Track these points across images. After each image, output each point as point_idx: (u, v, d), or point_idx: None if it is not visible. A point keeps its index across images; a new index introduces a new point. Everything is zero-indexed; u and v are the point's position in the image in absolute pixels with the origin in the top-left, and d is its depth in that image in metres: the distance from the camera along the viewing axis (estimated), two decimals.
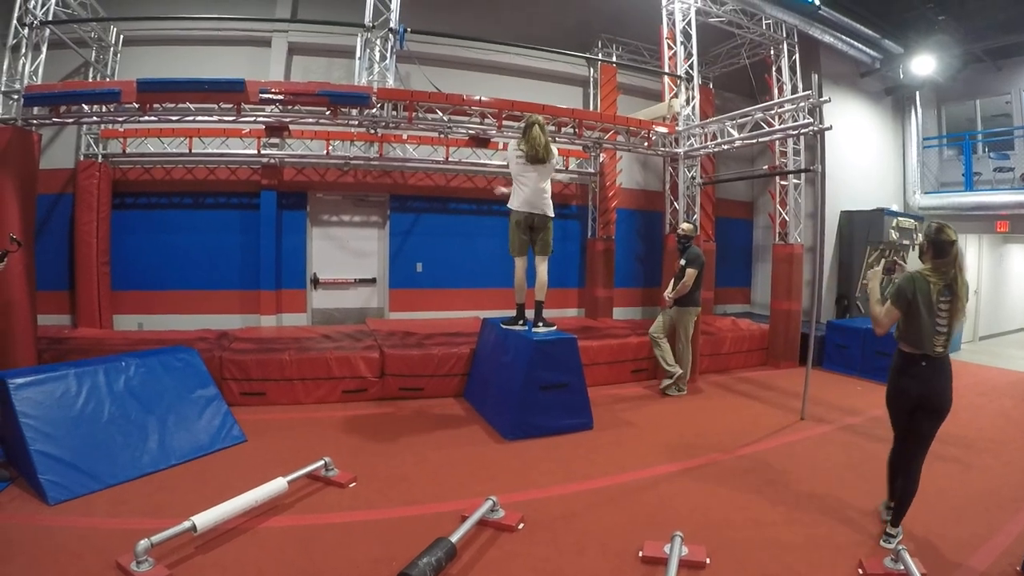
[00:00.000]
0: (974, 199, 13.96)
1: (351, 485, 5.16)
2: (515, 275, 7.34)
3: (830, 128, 7.83)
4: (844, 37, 12.49)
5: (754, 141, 9.07)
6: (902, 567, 3.86)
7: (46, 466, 4.76)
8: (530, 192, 7.00)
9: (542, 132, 6.97)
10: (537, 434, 6.58)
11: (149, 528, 3.93)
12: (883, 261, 4.96)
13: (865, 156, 13.70)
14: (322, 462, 5.26)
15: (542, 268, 7.35)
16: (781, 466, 6.01)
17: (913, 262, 13.20)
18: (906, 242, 13.05)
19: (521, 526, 4.45)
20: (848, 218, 13.01)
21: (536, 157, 6.90)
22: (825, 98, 7.76)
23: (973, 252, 15.11)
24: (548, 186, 7.16)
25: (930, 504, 4.85)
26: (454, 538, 3.88)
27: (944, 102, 15.36)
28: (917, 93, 14.61)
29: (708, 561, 4.00)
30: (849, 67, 13.52)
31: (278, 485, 4.62)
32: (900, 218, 13.04)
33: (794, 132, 8.41)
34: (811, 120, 7.81)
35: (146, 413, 5.69)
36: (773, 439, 6.92)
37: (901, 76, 13.96)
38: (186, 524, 3.88)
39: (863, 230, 12.77)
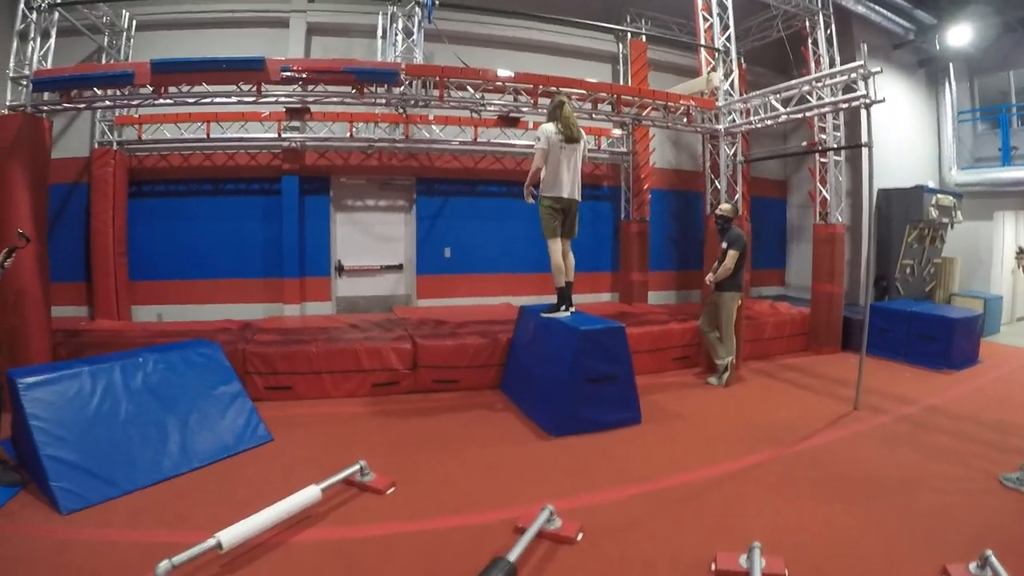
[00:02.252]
0: (1012, 174, 13.35)
1: (389, 491, 4.77)
2: (552, 258, 6.87)
3: (883, 100, 7.34)
4: (877, 7, 12.14)
5: (801, 115, 8.58)
6: (990, 573, 3.49)
7: (58, 472, 4.44)
8: (568, 174, 6.68)
9: (572, 110, 6.72)
10: (584, 429, 6.17)
11: (171, 542, 3.63)
12: (1017, 249, 4.90)
13: (900, 131, 13.10)
14: (357, 466, 4.86)
15: (569, 250, 7.04)
16: (845, 461, 5.63)
17: (952, 241, 12.93)
18: (945, 220, 12.57)
19: (580, 536, 4.04)
20: (886, 196, 12.45)
21: (572, 136, 6.61)
22: (877, 68, 7.26)
23: (1011, 230, 14.53)
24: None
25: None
26: (512, 557, 3.48)
27: (977, 74, 14.73)
28: (951, 65, 14.10)
29: (787, 573, 3.61)
30: (882, 39, 12.96)
31: (310, 494, 4.23)
32: (939, 195, 12.52)
33: (845, 105, 7.87)
34: (864, 92, 7.32)
35: (166, 412, 5.36)
36: (831, 431, 6.51)
37: (937, 47, 13.46)
38: (211, 542, 3.52)
39: (902, 208, 12.25)
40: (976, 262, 14.04)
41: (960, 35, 12.89)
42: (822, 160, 10.92)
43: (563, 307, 6.97)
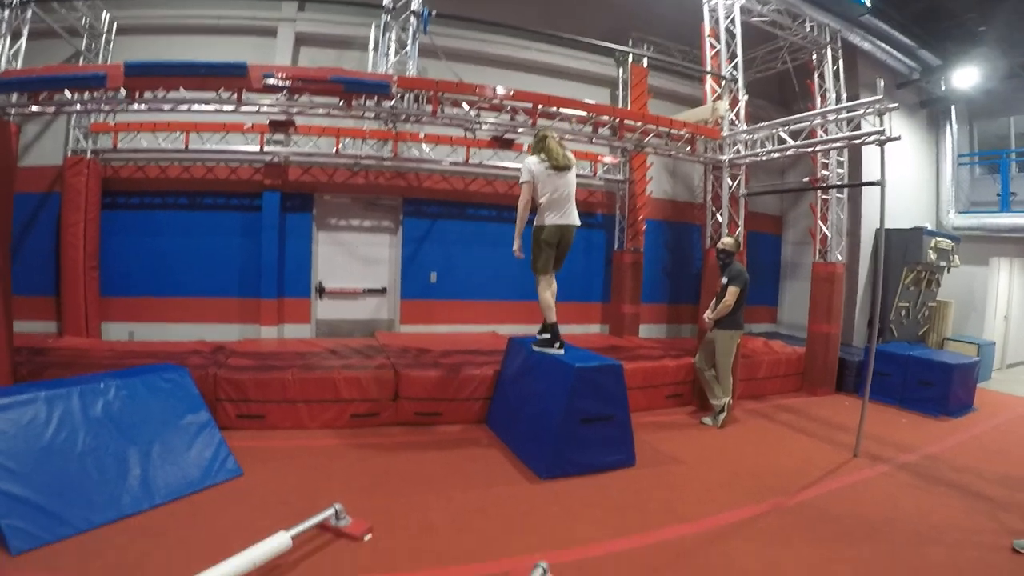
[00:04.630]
0: (1011, 220, 13.19)
1: (366, 537, 4.31)
2: (542, 296, 6.51)
3: (899, 138, 7.05)
4: (883, 44, 11.95)
5: (810, 150, 8.26)
6: None
7: (8, 508, 3.99)
8: (563, 203, 6.33)
9: (556, 142, 6.38)
10: (575, 472, 5.76)
11: None
12: None
13: (900, 171, 12.85)
14: (332, 510, 4.39)
15: (554, 283, 6.67)
16: (851, 514, 5.28)
17: (947, 283, 12.69)
18: (942, 263, 12.35)
19: None
20: (884, 237, 12.25)
21: (560, 164, 6.26)
22: (894, 104, 6.97)
23: (1004, 276, 14.35)
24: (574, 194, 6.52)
25: None
26: None
27: (977, 118, 14.67)
28: (953, 107, 13.96)
29: None
30: (887, 76, 12.75)
31: (280, 541, 3.78)
32: (938, 238, 12.31)
33: (858, 140, 7.51)
34: (880, 128, 7.00)
35: (127, 443, 4.89)
36: (832, 480, 6.16)
37: (943, 88, 13.39)
38: None
39: (900, 250, 12.02)
40: (969, 307, 13.86)
41: (965, 77, 12.77)
42: (824, 197, 10.64)
43: (556, 344, 6.55)
